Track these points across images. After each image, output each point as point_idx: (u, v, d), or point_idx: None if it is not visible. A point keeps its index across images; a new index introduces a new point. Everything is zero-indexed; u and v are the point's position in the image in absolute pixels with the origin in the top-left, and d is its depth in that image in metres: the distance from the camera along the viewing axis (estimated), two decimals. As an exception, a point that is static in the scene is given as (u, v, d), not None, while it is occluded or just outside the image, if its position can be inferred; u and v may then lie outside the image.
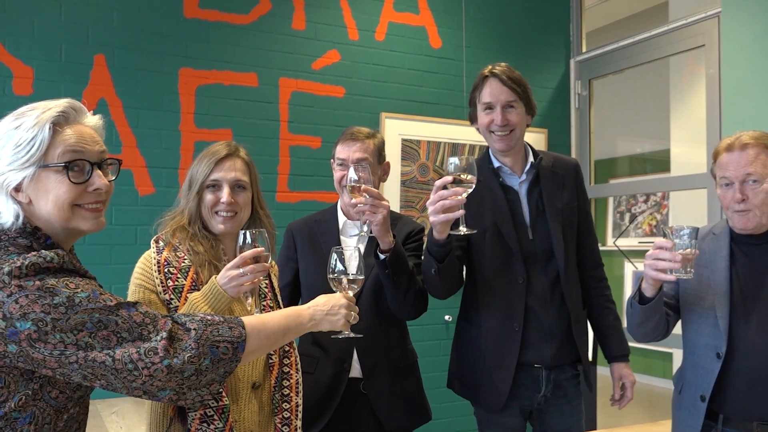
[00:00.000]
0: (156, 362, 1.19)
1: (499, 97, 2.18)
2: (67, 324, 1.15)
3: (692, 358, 2.00)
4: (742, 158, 1.87)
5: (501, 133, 2.19)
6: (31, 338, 1.13)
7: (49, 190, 1.27)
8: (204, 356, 1.24)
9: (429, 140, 3.94)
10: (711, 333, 1.93)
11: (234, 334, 1.30)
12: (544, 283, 2.19)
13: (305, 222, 2.39)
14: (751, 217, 1.87)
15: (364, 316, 2.22)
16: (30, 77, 3.09)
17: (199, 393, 1.26)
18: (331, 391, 2.21)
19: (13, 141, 1.25)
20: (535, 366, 2.18)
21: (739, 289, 1.92)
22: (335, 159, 2.29)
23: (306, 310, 1.52)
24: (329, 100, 3.72)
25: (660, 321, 1.98)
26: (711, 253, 1.99)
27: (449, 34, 4.07)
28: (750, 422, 1.87)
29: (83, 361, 1.16)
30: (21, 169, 1.25)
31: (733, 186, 1.88)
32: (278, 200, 3.56)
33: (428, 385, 2.46)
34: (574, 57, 4.45)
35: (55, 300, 1.15)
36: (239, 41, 3.52)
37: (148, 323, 1.22)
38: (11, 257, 1.18)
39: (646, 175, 7.20)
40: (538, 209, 2.23)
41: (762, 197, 1.85)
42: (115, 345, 1.18)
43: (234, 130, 3.48)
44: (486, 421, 2.25)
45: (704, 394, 1.93)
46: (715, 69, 3.47)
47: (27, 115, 1.27)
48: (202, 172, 1.78)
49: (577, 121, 4.43)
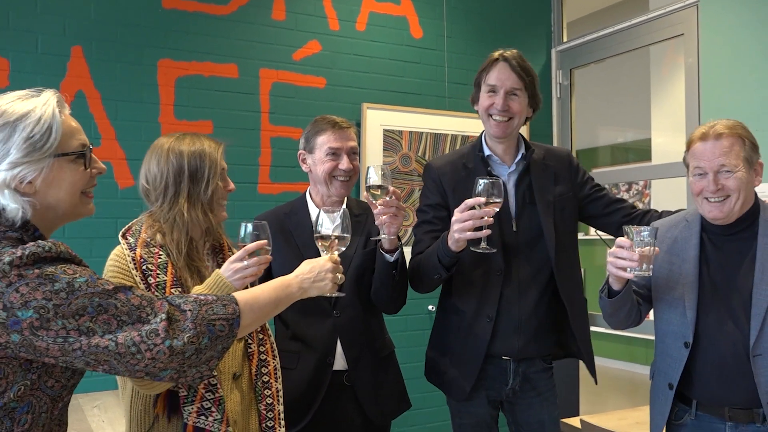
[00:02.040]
0: (158, 343, 1.21)
1: (505, 81, 2.16)
2: (69, 309, 1.16)
3: (662, 347, 2.03)
4: (716, 148, 1.87)
5: (499, 119, 2.17)
6: (33, 326, 1.14)
7: (64, 178, 1.29)
8: (202, 335, 1.27)
9: (411, 130, 3.94)
10: (679, 322, 1.95)
11: (228, 311, 1.33)
12: (523, 275, 2.19)
13: (274, 215, 2.33)
14: (726, 205, 1.88)
15: (346, 309, 2.23)
16: (6, 69, 3.05)
17: (199, 370, 1.29)
18: (315, 386, 2.20)
19: (22, 135, 1.24)
20: (503, 358, 2.19)
21: (708, 279, 1.94)
22: (320, 149, 2.25)
23: (293, 279, 1.55)
24: (310, 90, 3.70)
25: (631, 310, 2.01)
26: (682, 241, 2.00)
27: (430, 24, 4.06)
28: (722, 407, 1.90)
29: (86, 347, 1.17)
30: (38, 161, 1.26)
31: (707, 176, 1.88)
32: (260, 192, 3.55)
33: (411, 375, 2.47)
34: (555, 47, 4.46)
35: (56, 286, 1.16)
36: (219, 32, 3.49)
37: (146, 306, 1.24)
38: (6, 249, 1.18)
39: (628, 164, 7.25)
40: (525, 201, 2.22)
41: (736, 183, 1.86)
42: (115, 329, 1.20)
43: (214, 122, 3.45)
44: (457, 411, 2.27)
45: (672, 382, 1.95)
46: (694, 58, 3.49)
47: (19, 109, 1.26)
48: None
49: (559, 110, 4.44)
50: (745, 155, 1.87)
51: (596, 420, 2.62)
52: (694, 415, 1.95)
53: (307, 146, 2.29)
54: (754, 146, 1.90)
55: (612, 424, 2.53)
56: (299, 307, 2.14)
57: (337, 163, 2.22)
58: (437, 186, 2.26)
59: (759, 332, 1.83)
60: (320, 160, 2.24)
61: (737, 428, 1.89)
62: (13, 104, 1.27)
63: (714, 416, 1.92)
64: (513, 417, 2.27)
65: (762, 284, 1.86)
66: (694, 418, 1.95)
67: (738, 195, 1.86)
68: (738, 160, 1.86)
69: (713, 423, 1.92)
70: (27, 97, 1.30)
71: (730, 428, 1.89)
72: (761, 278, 1.86)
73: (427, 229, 2.25)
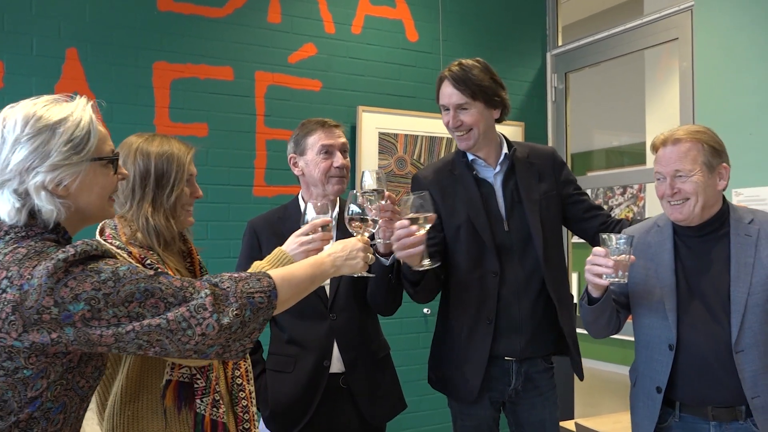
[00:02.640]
0: (207, 317, 1.26)
1: (450, 99, 2.19)
2: (118, 297, 1.20)
3: (646, 352, 2.04)
4: (673, 154, 1.93)
5: (458, 134, 2.21)
6: (85, 318, 1.17)
7: (96, 182, 1.33)
8: (245, 308, 1.31)
9: (406, 134, 3.94)
10: (661, 325, 1.98)
11: (263, 284, 1.37)
12: (520, 275, 2.20)
13: (267, 219, 2.35)
14: (686, 207, 1.93)
15: (342, 312, 2.23)
16: (0, 71, 3.04)
17: (242, 343, 1.32)
18: (312, 389, 2.20)
19: (63, 138, 1.27)
20: (506, 359, 2.20)
21: (685, 281, 1.97)
22: (311, 149, 2.25)
23: (327, 257, 1.59)
24: (306, 93, 3.70)
25: (611, 317, 2.04)
26: (656, 246, 2.04)
27: (426, 27, 4.06)
28: (704, 407, 1.92)
29: (139, 328, 1.21)
30: (77, 164, 1.28)
31: (665, 180, 1.94)
32: (255, 194, 3.55)
33: (407, 378, 2.47)
34: (551, 50, 4.47)
35: (102, 276, 1.20)
36: (214, 35, 3.49)
37: (188, 286, 1.28)
38: (51, 249, 1.21)
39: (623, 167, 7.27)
40: (513, 200, 2.24)
41: (693, 186, 1.91)
42: (164, 311, 1.24)
43: (210, 125, 3.45)
44: (459, 413, 2.27)
45: (660, 386, 1.97)
46: (689, 62, 3.51)
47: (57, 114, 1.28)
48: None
49: (554, 114, 4.46)
50: (703, 159, 1.92)
51: (591, 423, 2.63)
52: (678, 417, 1.97)
53: (298, 149, 2.30)
54: (715, 150, 1.94)
55: (607, 427, 2.53)
56: (295, 311, 2.12)
57: (331, 161, 2.23)
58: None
59: (740, 329, 1.87)
60: (313, 161, 2.24)
61: (721, 427, 1.91)
62: (48, 109, 1.30)
63: (698, 417, 1.94)
64: (515, 417, 2.27)
65: (738, 281, 1.90)
66: (678, 420, 1.97)
67: (696, 198, 1.91)
68: (694, 164, 1.91)
69: (697, 423, 1.94)
70: (59, 102, 1.33)
71: (714, 427, 1.92)
72: (737, 276, 1.90)
73: None
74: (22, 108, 1.29)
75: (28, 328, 1.15)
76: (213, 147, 3.44)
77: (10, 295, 1.15)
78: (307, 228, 1.74)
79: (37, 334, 1.16)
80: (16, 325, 1.14)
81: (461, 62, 2.20)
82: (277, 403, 2.22)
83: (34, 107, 1.29)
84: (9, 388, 1.18)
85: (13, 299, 1.14)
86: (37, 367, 1.19)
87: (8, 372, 1.17)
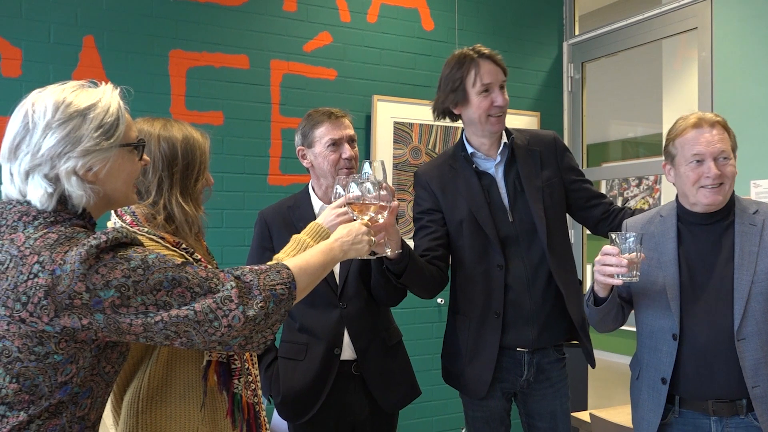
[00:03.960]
0: (233, 309, 1.27)
1: (497, 76, 2.18)
2: (147, 285, 1.22)
3: (650, 342, 2.02)
4: (715, 136, 1.90)
5: (499, 115, 2.18)
6: (114, 305, 1.19)
7: (123, 168, 1.34)
8: (268, 300, 1.33)
9: (421, 123, 3.93)
10: (665, 315, 1.96)
11: (283, 276, 1.39)
12: (527, 265, 2.19)
13: (277, 209, 2.36)
14: (722, 191, 1.91)
15: (352, 300, 2.24)
16: (18, 59, 3.06)
17: (264, 335, 1.35)
18: (323, 376, 2.21)
19: (93, 124, 1.28)
20: (517, 350, 2.19)
21: (688, 270, 1.96)
22: (319, 142, 2.25)
23: (334, 243, 1.61)
24: (321, 82, 3.70)
25: (617, 314, 2.05)
26: (660, 236, 2.02)
27: (442, 16, 4.04)
28: (705, 401, 1.91)
29: (168, 318, 1.23)
30: (107, 150, 1.29)
31: (705, 162, 1.90)
32: (270, 183, 3.55)
33: (420, 367, 2.47)
34: (567, 40, 4.44)
35: (131, 264, 1.21)
36: (230, 23, 3.49)
37: (212, 277, 1.30)
38: (80, 235, 1.23)
39: (639, 158, 7.22)
40: (516, 190, 2.22)
41: (731, 171, 1.91)
42: (190, 300, 1.25)
43: (225, 113, 3.46)
44: (470, 404, 2.27)
45: (665, 377, 1.95)
46: (708, 52, 3.47)
47: (86, 100, 1.29)
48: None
49: (570, 104, 4.42)
50: (732, 144, 1.93)
51: (605, 414, 2.62)
52: (677, 413, 1.96)
53: (305, 141, 2.29)
54: (734, 138, 1.96)
55: (621, 418, 2.52)
56: (306, 299, 2.14)
57: (340, 153, 2.23)
58: (427, 192, 2.28)
59: (742, 316, 1.86)
60: (322, 153, 2.25)
61: (721, 422, 1.90)
62: (78, 95, 1.30)
63: (698, 412, 1.93)
64: (525, 408, 2.27)
65: (742, 269, 1.89)
66: (678, 416, 1.96)
67: (730, 183, 1.92)
68: (730, 149, 1.92)
69: (697, 419, 1.93)
70: (85, 87, 1.33)
71: (714, 423, 1.90)
72: (741, 264, 1.89)
73: (424, 234, 2.26)
74: (50, 93, 1.29)
75: (60, 313, 1.16)
76: (228, 135, 3.45)
77: (42, 279, 1.16)
78: (341, 201, 1.77)
79: (68, 318, 1.17)
80: (48, 309, 1.16)
81: (481, 46, 2.22)
82: (289, 389, 2.23)
83: (63, 93, 1.29)
84: (40, 373, 1.19)
85: (45, 284, 1.15)
86: (67, 353, 1.20)
87: (39, 357, 1.19)
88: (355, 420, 2.26)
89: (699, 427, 1.93)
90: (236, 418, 1.59)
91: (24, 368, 1.18)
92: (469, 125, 2.26)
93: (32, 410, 1.20)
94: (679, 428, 1.96)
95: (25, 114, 1.27)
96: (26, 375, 1.19)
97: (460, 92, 2.20)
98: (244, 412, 1.60)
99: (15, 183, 1.27)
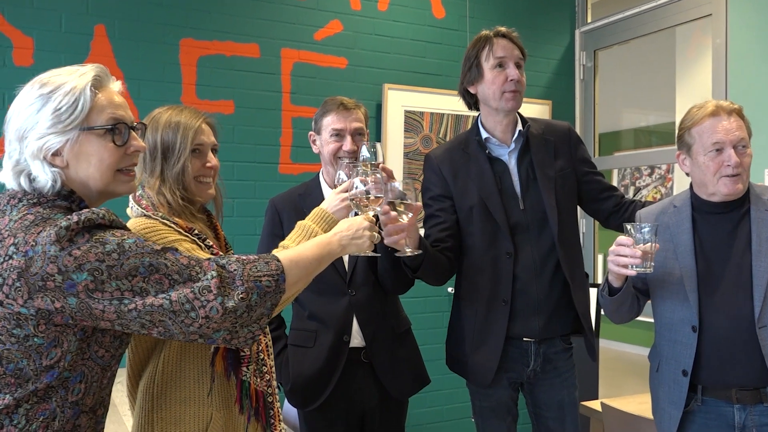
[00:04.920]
0: (211, 300, 1.23)
1: (512, 52, 2.18)
2: (122, 270, 1.19)
3: (669, 335, 2.01)
4: (734, 124, 1.88)
5: (514, 92, 2.16)
6: (88, 289, 1.17)
7: (92, 153, 1.30)
8: (251, 291, 1.28)
9: (432, 112, 3.92)
10: (683, 307, 1.95)
11: (271, 267, 1.34)
12: (536, 254, 2.17)
13: (288, 197, 2.37)
14: (741, 180, 1.89)
15: (361, 287, 2.25)
16: (30, 48, 3.07)
17: (250, 329, 1.31)
18: (333, 363, 2.23)
19: (51, 106, 1.26)
20: (524, 340, 2.18)
21: (704, 260, 1.94)
22: (325, 130, 2.27)
23: (333, 237, 1.57)
24: (331, 71, 3.69)
25: (632, 304, 2.04)
26: (675, 226, 2.00)
27: (452, 4, 4.02)
28: (729, 390, 1.90)
29: (142, 307, 1.20)
30: (63, 133, 1.27)
31: (725, 150, 1.88)
32: (281, 172, 3.56)
33: (429, 356, 2.47)
34: (579, 27, 4.40)
35: (107, 248, 1.19)
36: (240, 11, 3.48)
37: (194, 265, 1.27)
38: (58, 216, 1.21)
39: (651, 147, 7.16)
40: (528, 178, 2.20)
41: (749, 160, 1.90)
42: (168, 288, 1.22)
43: (236, 102, 3.46)
44: (477, 393, 2.27)
45: (686, 369, 1.94)
46: (722, 39, 3.43)
47: (58, 81, 1.29)
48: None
49: (582, 92, 4.39)
50: (748, 132, 1.92)
51: (616, 403, 2.62)
52: (700, 401, 1.94)
53: (316, 127, 2.33)
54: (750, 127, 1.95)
55: (632, 407, 2.52)
56: (315, 287, 2.16)
57: (341, 144, 2.23)
58: (438, 176, 2.26)
59: (763, 303, 1.84)
60: (326, 141, 2.27)
61: (745, 410, 1.88)
62: (55, 76, 1.30)
63: (721, 399, 1.91)
64: (533, 398, 2.27)
65: (760, 256, 1.87)
66: (701, 404, 1.94)
67: (748, 172, 1.90)
68: (747, 137, 1.90)
69: (720, 407, 1.91)
70: (71, 71, 1.32)
71: (738, 411, 1.89)
72: (759, 250, 1.88)
73: (433, 224, 2.26)
74: (42, 76, 1.31)
75: (33, 295, 1.16)
76: (239, 124, 3.46)
77: (15, 261, 1.16)
78: (346, 186, 1.75)
79: (41, 301, 1.16)
80: (22, 291, 1.16)
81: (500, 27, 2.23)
82: (299, 376, 2.25)
83: (49, 74, 1.31)
84: (23, 356, 1.19)
85: (18, 265, 1.15)
86: (47, 336, 1.20)
87: (19, 339, 1.18)
88: (364, 407, 2.28)
89: (722, 415, 1.91)
90: (243, 405, 1.59)
91: (6, 351, 1.18)
92: (485, 105, 2.25)
93: (18, 393, 1.20)
94: (702, 416, 1.94)
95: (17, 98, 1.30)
96: (9, 358, 1.19)
97: (475, 69, 2.22)
98: (252, 400, 1.60)
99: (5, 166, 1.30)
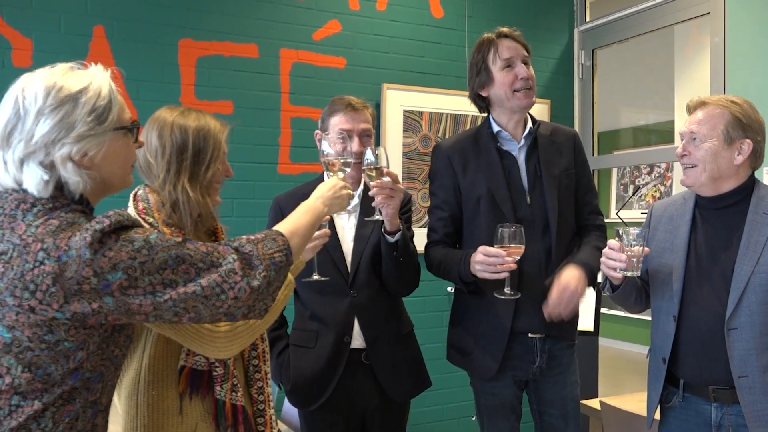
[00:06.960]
0: (238, 281, 1.29)
1: (518, 51, 2.21)
2: (153, 265, 1.22)
3: (656, 322, 2.07)
4: (696, 116, 1.94)
5: (526, 89, 2.20)
6: (122, 287, 1.19)
7: (118, 152, 1.33)
8: (269, 268, 1.34)
9: (431, 111, 3.92)
10: (669, 296, 1.99)
11: (279, 243, 1.40)
12: (541, 250, 2.19)
13: (292, 195, 2.36)
14: (693, 173, 1.93)
15: (363, 288, 2.25)
16: (29, 49, 3.07)
17: (264, 302, 1.35)
18: (333, 364, 2.23)
19: (86, 108, 1.26)
20: (530, 336, 2.19)
21: (695, 253, 1.97)
22: (332, 130, 2.27)
23: (317, 200, 1.63)
24: (330, 71, 3.69)
25: (638, 296, 2.10)
26: (677, 218, 2.05)
27: (451, 3, 4.02)
28: (706, 387, 1.92)
29: (176, 296, 1.24)
30: (101, 134, 1.28)
31: (682, 141, 1.97)
32: (280, 172, 3.56)
33: (430, 356, 2.47)
34: (578, 26, 4.40)
35: (135, 245, 1.22)
36: (239, 12, 3.48)
37: (213, 251, 1.30)
38: (81, 220, 1.23)
39: (650, 146, 7.17)
40: (536, 175, 2.23)
41: (702, 153, 1.91)
42: (195, 276, 1.26)
43: (235, 102, 3.46)
44: (481, 391, 2.27)
45: (664, 357, 1.99)
46: (720, 37, 3.43)
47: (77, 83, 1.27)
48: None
49: (581, 91, 4.40)
50: (722, 128, 1.90)
51: (616, 402, 2.62)
52: (681, 397, 1.98)
53: (323, 126, 2.33)
54: (740, 123, 1.90)
55: (631, 406, 2.52)
56: (317, 287, 2.16)
57: (345, 145, 2.23)
58: (447, 166, 2.27)
59: (736, 306, 1.86)
60: (333, 141, 2.25)
61: (722, 409, 1.90)
62: (68, 78, 1.28)
63: (701, 397, 1.94)
64: (537, 395, 2.27)
65: (745, 258, 1.88)
66: (682, 400, 1.97)
67: (703, 166, 1.91)
68: (712, 131, 1.90)
69: (699, 404, 1.94)
70: (75, 70, 1.31)
71: (715, 409, 1.91)
72: (744, 253, 1.89)
73: (438, 216, 2.27)
74: (41, 78, 1.27)
75: (69, 299, 1.17)
76: (238, 125, 3.42)
77: (48, 266, 1.15)
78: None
79: (78, 304, 1.17)
80: (57, 296, 1.16)
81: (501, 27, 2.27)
82: (299, 376, 2.25)
83: (53, 77, 1.27)
84: (51, 361, 1.20)
85: (52, 271, 1.15)
86: (76, 339, 1.21)
87: (50, 345, 1.19)
88: (365, 408, 2.28)
89: (700, 413, 1.94)
90: (220, 423, 1.61)
91: (35, 357, 1.19)
92: (497, 106, 2.27)
93: (46, 398, 1.21)
94: (682, 412, 1.98)
95: (16, 100, 1.25)
96: (38, 364, 1.19)
97: (484, 73, 2.24)
98: (228, 417, 1.61)
99: (9, 171, 1.26)
